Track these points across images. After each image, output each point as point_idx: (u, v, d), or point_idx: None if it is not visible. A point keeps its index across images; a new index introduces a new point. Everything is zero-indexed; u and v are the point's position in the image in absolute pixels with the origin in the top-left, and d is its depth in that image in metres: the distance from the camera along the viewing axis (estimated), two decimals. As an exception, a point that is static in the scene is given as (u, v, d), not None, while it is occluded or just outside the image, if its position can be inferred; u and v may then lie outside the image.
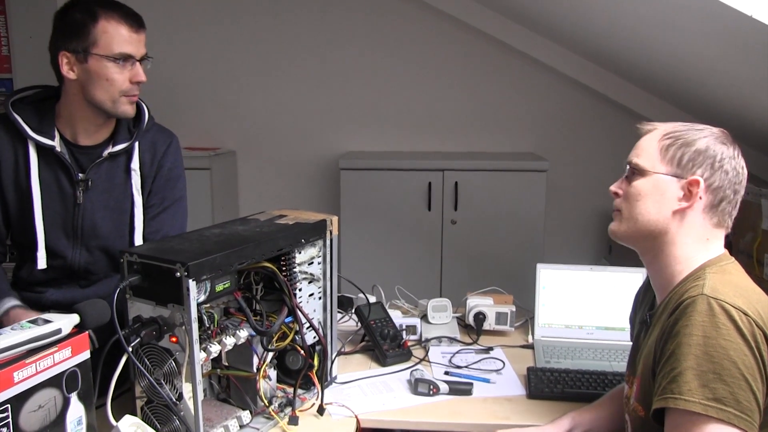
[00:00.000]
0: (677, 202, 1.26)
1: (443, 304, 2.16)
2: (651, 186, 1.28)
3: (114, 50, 1.61)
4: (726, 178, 1.25)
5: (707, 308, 1.14)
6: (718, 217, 1.27)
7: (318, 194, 3.88)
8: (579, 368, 1.77)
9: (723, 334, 1.11)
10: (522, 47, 3.53)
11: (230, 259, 1.34)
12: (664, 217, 1.27)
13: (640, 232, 1.30)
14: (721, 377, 1.10)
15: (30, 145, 1.67)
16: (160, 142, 1.83)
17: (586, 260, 3.70)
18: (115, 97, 1.65)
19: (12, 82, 3.28)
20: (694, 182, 1.24)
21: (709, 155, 1.25)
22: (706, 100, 2.89)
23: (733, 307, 1.13)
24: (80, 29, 1.60)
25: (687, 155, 1.25)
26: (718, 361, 1.10)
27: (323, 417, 1.56)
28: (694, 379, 1.11)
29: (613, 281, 2.01)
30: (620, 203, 1.34)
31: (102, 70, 1.62)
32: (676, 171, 1.26)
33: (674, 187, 1.26)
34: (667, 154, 1.27)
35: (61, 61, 1.63)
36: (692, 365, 1.12)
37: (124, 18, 1.63)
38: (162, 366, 1.32)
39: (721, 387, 1.10)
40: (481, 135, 3.76)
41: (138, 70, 1.66)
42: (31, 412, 1.12)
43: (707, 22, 1.91)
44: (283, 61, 3.75)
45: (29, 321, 1.17)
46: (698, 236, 1.27)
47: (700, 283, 1.19)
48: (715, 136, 1.28)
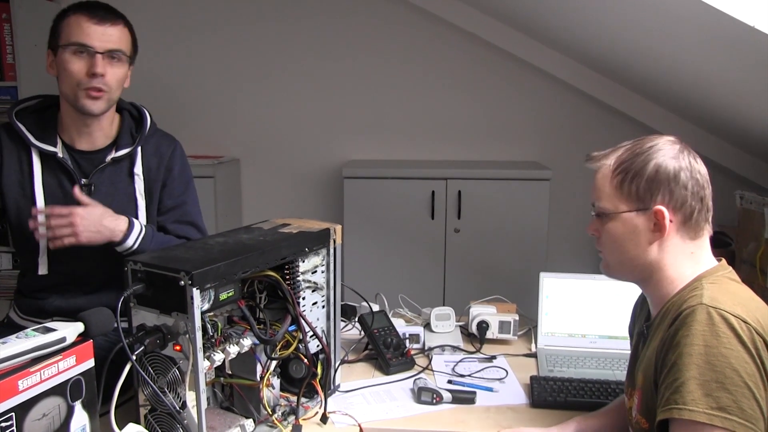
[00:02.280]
0: (651, 234, 1.26)
1: (446, 312, 2.16)
2: (621, 226, 1.28)
3: (71, 39, 1.64)
4: (687, 192, 1.24)
5: (707, 317, 1.14)
6: (694, 229, 1.27)
7: (321, 203, 3.89)
8: (582, 377, 1.76)
9: (724, 343, 1.11)
10: (526, 56, 3.54)
11: (234, 268, 1.35)
12: (644, 251, 1.27)
13: (627, 270, 1.32)
14: (725, 386, 1.10)
15: (33, 153, 1.70)
16: (164, 147, 1.85)
17: (590, 269, 3.66)
18: (75, 90, 1.66)
19: (17, 90, 3.29)
20: (658, 212, 1.24)
21: (661, 178, 1.23)
22: (709, 110, 2.89)
23: (733, 315, 1.13)
24: (56, 26, 1.68)
25: (641, 186, 1.25)
26: (721, 370, 1.10)
27: (327, 425, 1.56)
28: (698, 388, 1.11)
29: (616, 290, 2.01)
30: (601, 246, 1.34)
31: (62, 61, 1.66)
32: (638, 205, 1.26)
33: (643, 221, 1.26)
34: (623, 190, 1.27)
35: (48, 60, 1.70)
36: (695, 375, 1.12)
37: (88, 10, 1.66)
38: (166, 374, 1.32)
39: (725, 396, 1.09)
40: (485, 144, 3.76)
41: (95, 62, 1.64)
42: (35, 421, 1.12)
43: (709, 32, 1.91)
44: (287, 69, 3.76)
45: (34, 329, 1.17)
46: (683, 254, 1.27)
47: (699, 293, 1.19)
48: (663, 152, 1.25)
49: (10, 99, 3.29)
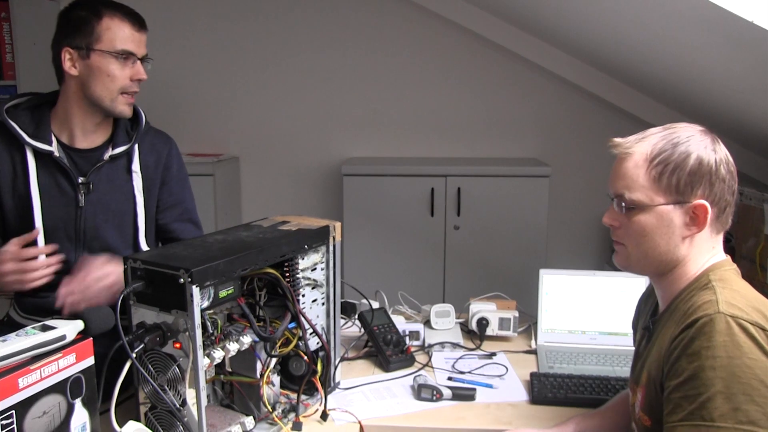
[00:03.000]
0: (686, 229, 1.22)
1: (446, 309, 2.16)
2: (655, 220, 1.22)
3: (117, 46, 1.66)
4: (724, 185, 1.21)
5: (726, 327, 1.10)
6: (722, 224, 1.25)
7: (321, 200, 3.89)
8: (582, 373, 1.77)
9: (747, 353, 1.08)
10: (525, 53, 3.53)
11: (234, 266, 1.35)
12: (675, 246, 1.23)
13: (650, 263, 1.27)
14: (753, 398, 1.06)
15: (27, 151, 1.68)
16: (161, 145, 1.86)
17: (589, 265, 3.68)
18: (114, 94, 1.68)
19: (16, 88, 3.29)
20: (700, 207, 1.20)
21: (704, 171, 1.19)
22: (709, 106, 2.89)
23: (751, 323, 1.10)
24: (84, 25, 1.65)
25: (683, 179, 1.19)
26: (747, 382, 1.07)
27: (327, 422, 1.56)
28: (725, 403, 1.07)
29: (616, 286, 2.01)
30: (622, 237, 1.28)
31: (104, 65, 1.65)
32: (676, 198, 1.20)
33: (679, 215, 1.21)
34: (662, 183, 1.21)
35: (64, 57, 1.66)
36: (720, 389, 1.08)
37: (128, 16, 1.69)
38: (166, 372, 1.32)
39: (754, 408, 1.06)
40: (484, 140, 3.76)
41: (139, 68, 1.71)
42: (35, 419, 1.12)
43: (710, 28, 1.91)
44: (286, 67, 3.76)
45: (33, 327, 1.17)
46: (706, 249, 1.25)
47: (713, 299, 1.15)
48: (701, 143, 1.21)
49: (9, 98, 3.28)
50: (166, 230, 1.88)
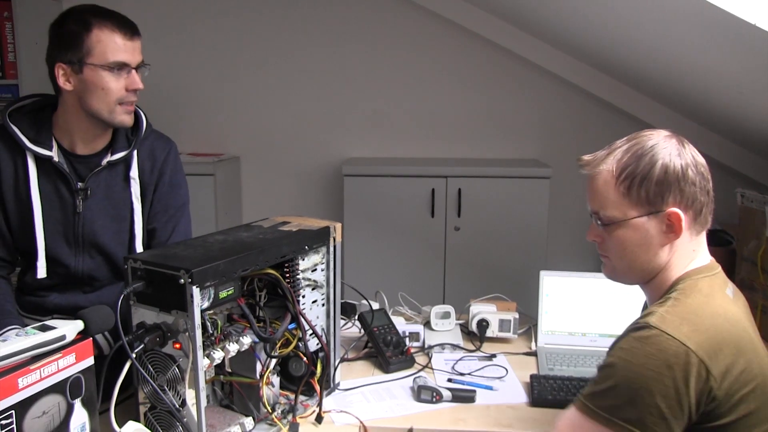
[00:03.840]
0: (664, 237, 1.23)
1: (446, 310, 2.16)
2: (632, 233, 1.24)
3: (108, 59, 1.61)
4: (695, 188, 1.21)
5: (646, 335, 1.13)
6: (701, 224, 1.25)
7: (321, 200, 3.89)
8: (582, 376, 1.76)
9: (648, 364, 1.11)
10: (526, 54, 3.53)
11: (234, 266, 1.35)
12: (655, 255, 1.24)
13: (635, 274, 1.29)
14: (635, 402, 1.11)
15: (28, 156, 1.68)
16: (159, 150, 1.83)
17: (590, 267, 3.67)
18: (112, 106, 1.65)
19: (18, 88, 3.29)
20: (672, 215, 1.21)
21: (671, 179, 1.20)
22: (710, 107, 2.89)
23: (673, 338, 1.11)
24: (74, 40, 1.60)
25: (651, 190, 1.20)
26: (635, 388, 1.11)
27: (327, 423, 1.56)
28: (611, 398, 1.14)
29: (617, 289, 1.98)
30: (606, 251, 1.31)
31: (97, 79, 1.62)
32: (648, 209, 1.21)
33: (654, 224, 1.22)
34: (632, 196, 1.22)
35: (58, 73, 1.63)
36: (611, 385, 1.14)
37: (118, 26, 1.63)
38: (165, 372, 1.32)
39: (631, 410, 1.11)
40: (485, 141, 3.76)
41: (134, 78, 1.66)
42: (35, 419, 1.12)
43: (711, 30, 1.91)
44: (287, 67, 3.76)
45: (34, 327, 1.17)
46: (687, 252, 1.25)
47: (657, 310, 1.18)
48: (665, 149, 1.21)
49: (11, 97, 3.30)
50: (150, 235, 1.85)
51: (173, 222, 1.86)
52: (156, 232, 1.84)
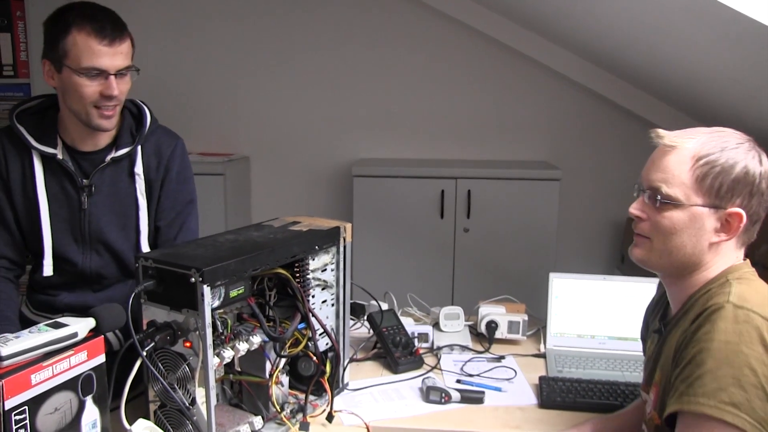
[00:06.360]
0: (715, 235, 1.20)
1: (455, 312, 2.16)
2: (687, 219, 1.20)
3: (82, 64, 1.57)
4: (762, 199, 1.20)
5: (732, 316, 1.11)
6: (749, 236, 1.24)
7: (331, 201, 3.89)
8: (591, 378, 1.76)
9: (745, 341, 1.09)
10: (536, 55, 3.53)
11: (245, 265, 1.35)
12: (700, 250, 1.21)
13: (673, 265, 1.25)
14: (740, 382, 1.07)
15: (34, 155, 1.69)
16: (165, 146, 1.82)
17: (599, 270, 3.68)
18: (87, 109, 1.62)
19: (30, 87, 3.32)
20: (736, 215, 1.18)
21: (748, 181, 1.17)
22: (720, 109, 2.88)
23: (760, 315, 1.10)
24: (55, 40, 1.59)
25: (726, 185, 1.17)
26: (738, 367, 1.08)
27: (335, 424, 1.56)
28: (712, 382, 1.09)
29: (626, 291, 2.00)
30: (648, 231, 1.25)
31: (72, 82, 1.59)
32: (713, 202, 1.18)
33: (711, 219, 1.20)
34: (704, 184, 1.18)
35: (44, 68, 1.63)
36: (710, 368, 1.09)
37: (96, 31, 1.57)
38: (176, 370, 1.33)
39: (739, 392, 1.07)
40: (495, 143, 3.76)
41: (109, 84, 1.60)
42: (47, 415, 1.13)
43: (721, 31, 1.91)
44: (297, 67, 3.77)
45: (46, 324, 1.18)
46: (730, 258, 1.24)
47: (727, 291, 1.16)
48: (749, 152, 1.19)
49: (23, 95, 3.32)
50: (157, 233, 1.84)
51: (181, 219, 1.86)
52: (164, 230, 1.84)
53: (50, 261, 1.73)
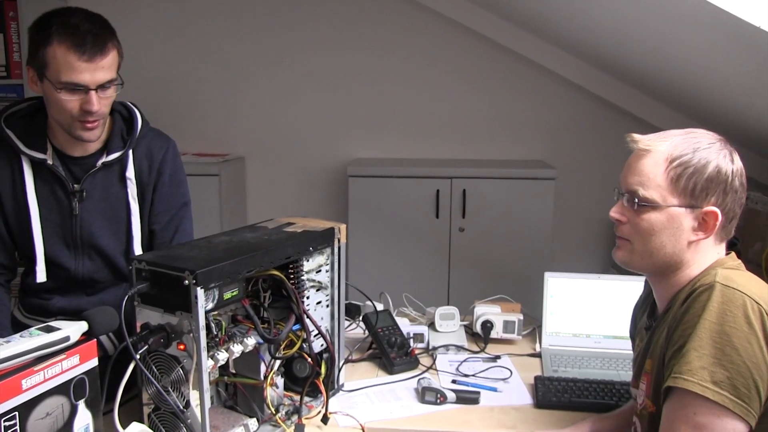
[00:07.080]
0: (693, 234, 1.24)
1: (451, 312, 2.16)
2: (665, 220, 1.23)
3: (60, 78, 1.53)
4: (736, 196, 1.23)
5: (719, 294, 1.14)
6: (726, 233, 1.27)
7: (326, 201, 3.89)
8: (586, 377, 1.76)
9: (729, 321, 1.12)
10: (531, 55, 3.53)
11: (238, 267, 1.35)
12: (680, 250, 1.25)
13: (655, 264, 1.28)
14: (721, 362, 1.11)
15: (24, 160, 1.66)
16: (157, 149, 1.79)
17: (594, 269, 3.68)
18: (68, 121, 1.59)
19: (23, 88, 3.30)
20: (711, 214, 1.21)
21: (720, 180, 1.21)
22: (715, 109, 2.88)
23: (746, 294, 1.13)
24: (37, 49, 1.55)
25: (700, 184, 1.21)
26: (720, 347, 1.11)
27: (330, 425, 1.56)
28: (696, 360, 1.12)
29: (621, 290, 2.00)
30: (629, 233, 1.28)
31: (52, 94, 1.56)
32: (689, 201, 1.22)
33: (689, 218, 1.23)
34: (679, 185, 1.22)
35: (28, 74, 1.60)
36: (695, 346, 1.13)
37: (77, 45, 1.51)
38: (169, 373, 1.32)
39: (720, 371, 1.11)
40: (490, 142, 3.76)
41: (89, 99, 1.55)
42: (38, 420, 1.12)
43: (717, 33, 1.91)
44: (292, 67, 3.76)
45: (38, 328, 1.17)
46: (710, 255, 1.26)
47: (713, 272, 1.20)
48: (721, 152, 1.23)
49: (16, 96, 3.31)
50: (152, 237, 1.83)
51: (176, 222, 1.84)
52: (159, 233, 1.83)
53: (43, 267, 1.72)
